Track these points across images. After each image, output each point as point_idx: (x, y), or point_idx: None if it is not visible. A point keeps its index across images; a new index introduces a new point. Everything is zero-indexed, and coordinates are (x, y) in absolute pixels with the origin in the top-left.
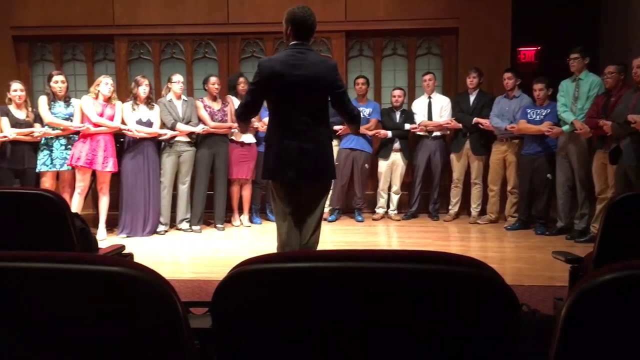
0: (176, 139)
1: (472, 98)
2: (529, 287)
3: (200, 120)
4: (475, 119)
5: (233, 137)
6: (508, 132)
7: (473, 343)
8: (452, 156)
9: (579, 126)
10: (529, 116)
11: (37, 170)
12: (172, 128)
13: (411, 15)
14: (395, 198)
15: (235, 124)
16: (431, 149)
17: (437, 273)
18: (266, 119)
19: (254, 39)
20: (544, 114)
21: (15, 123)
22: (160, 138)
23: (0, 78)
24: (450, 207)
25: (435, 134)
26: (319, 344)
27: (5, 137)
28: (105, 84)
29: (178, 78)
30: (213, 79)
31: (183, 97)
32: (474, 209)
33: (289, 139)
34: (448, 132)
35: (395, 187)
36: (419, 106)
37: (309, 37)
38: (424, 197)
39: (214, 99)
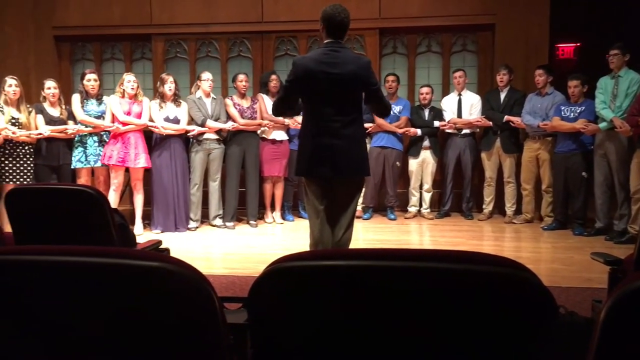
0: (205, 136)
1: (502, 95)
2: (566, 288)
3: (230, 118)
4: (506, 117)
5: (264, 135)
6: (541, 130)
7: (508, 345)
8: (483, 155)
9: (619, 124)
10: (562, 113)
11: (72, 167)
12: (202, 125)
13: (446, 12)
14: (427, 196)
15: (265, 122)
16: (460, 146)
17: (471, 273)
18: (298, 117)
19: (287, 37)
20: (578, 111)
21: (50, 120)
22: (188, 134)
23: (43, 77)
24: (484, 206)
25: (464, 131)
26: (353, 342)
27: (40, 134)
28: (128, 81)
29: (207, 76)
30: (241, 77)
31: (212, 95)
32: (509, 208)
33: (323, 136)
34: (477, 129)
35: (427, 185)
36: (448, 103)
37: (342, 35)
38: (456, 195)
39: (243, 96)
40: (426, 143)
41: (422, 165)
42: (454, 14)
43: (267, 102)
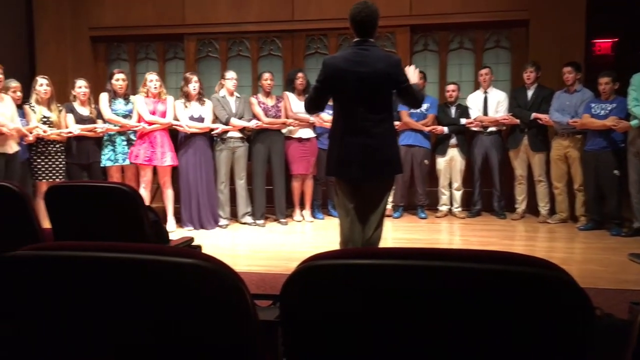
0: (229, 134)
1: (529, 93)
2: (602, 290)
3: (255, 117)
4: (533, 114)
5: (290, 135)
6: (570, 127)
7: (543, 347)
8: (510, 153)
9: None
10: (592, 111)
11: (102, 165)
12: (226, 123)
13: (479, 8)
14: (457, 195)
15: (290, 120)
16: (487, 144)
17: (503, 274)
18: (323, 115)
19: (318, 35)
20: (609, 108)
21: (80, 119)
22: (212, 133)
23: (80, 77)
24: (516, 205)
25: (490, 129)
26: (383, 340)
27: (70, 132)
28: (150, 81)
29: (232, 75)
30: (266, 75)
31: (236, 93)
32: (542, 207)
33: (353, 136)
34: (504, 127)
35: (456, 183)
36: (474, 101)
37: (369, 33)
38: (486, 194)
39: (268, 95)
40: (453, 141)
41: (450, 163)
42: (487, 10)
43: (292, 100)
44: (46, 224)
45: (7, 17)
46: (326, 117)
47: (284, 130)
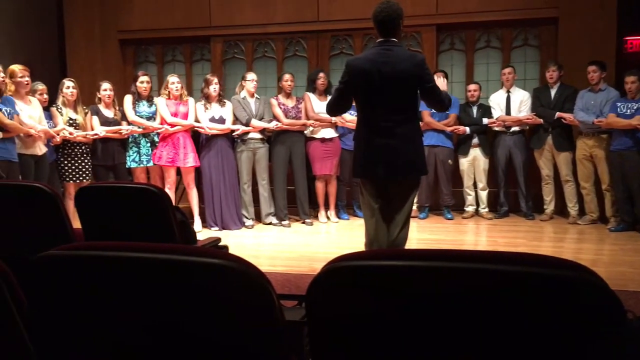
0: (249, 135)
1: (553, 92)
2: (634, 292)
3: (275, 118)
4: (557, 114)
5: (312, 135)
6: (595, 127)
7: (572, 352)
8: (535, 153)
9: None
10: (618, 110)
11: (127, 167)
12: (247, 124)
13: (506, 6)
14: (483, 195)
15: (310, 121)
16: (509, 144)
17: (531, 276)
18: (345, 115)
19: (343, 35)
20: (635, 107)
21: (105, 121)
22: (233, 134)
23: (109, 79)
24: (545, 206)
25: (513, 129)
26: (409, 342)
27: (96, 134)
28: (172, 83)
29: (252, 77)
30: (287, 76)
31: (256, 95)
32: (571, 208)
33: (377, 137)
34: (527, 127)
35: (481, 183)
36: (496, 100)
37: (392, 32)
38: (512, 194)
39: (288, 96)
40: (475, 141)
41: (473, 163)
42: (514, 8)
43: (313, 101)
44: (75, 223)
45: (39, 23)
46: (348, 116)
47: (306, 131)
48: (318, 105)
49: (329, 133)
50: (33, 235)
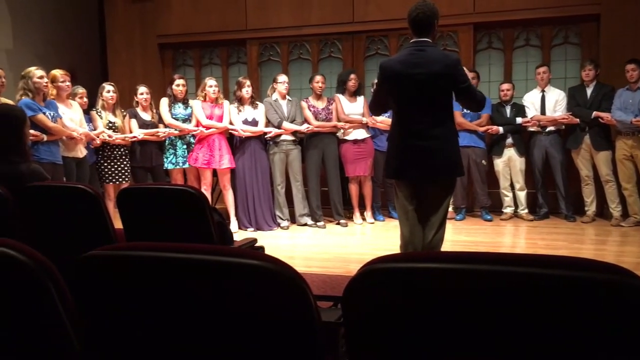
0: (282, 137)
1: (589, 91)
2: None
3: (305, 120)
4: (595, 113)
5: (345, 137)
6: (634, 126)
7: (616, 357)
8: (572, 153)
9: None
10: None
11: (164, 168)
12: (279, 126)
13: (545, 4)
14: (522, 196)
15: (340, 123)
16: (546, 145)
17: (572, 280)
18: (376, 115)
19: (378, 36)
20: None
21: (142, 124)
22: (265, 136)
23: (148, 83)
24: (586, 208)
25: (549, 129)
26: (445, 345)
27: (134, 137)
28: (209, 86)
29: (283, 79)
30: (317, 78)
31: (288, 97)
32: (614, 209)
33: (410, 138)
34: (563, 126)
35: (518, 184)
36: (531, 100)
37: (427, 32)
38: (551, 196)
39: (319, 97)
40: (509, 141)
41: (509, 164)
42: (554, 5)
43: (343, 103)
44: (115, 224)
45: (82, 30)
46: (379, 117)
47: (338, 134)
48: (348, 106)
49: (361, 134)
50: (77, 235)
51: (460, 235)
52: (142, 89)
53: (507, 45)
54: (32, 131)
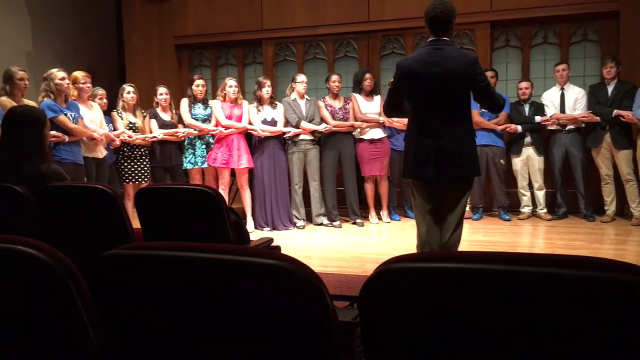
0: (300, 137)
1: (610, 89)
2: None
3: (323, 120)
4: (615, 111)
5: (361, 136)
6: None
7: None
8: (592, 152)
9: None
10: None
11: (183, 168)
12: (297, 126)
13: (563, 1)
14: (540, 195)
15: (357, 123)
16: (565, 143)
17: (591, 280)
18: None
19: (394, 35)
20: None
21: (162, 124)
22: (284, 136)
23: (166, 83)
24: (605, 207)
25: (569, 127)
26: (463, 345)
27: (154, 137)
28: (229, 86)
29: (302, 78)
30: (334, 77)
31: (306, 96)
32: (634, 208)
33: (427, 137)
34: (583, 125)
35: (537, 183)
36: (550, 98)
37: (443, 31)
38: (571, 195)
39: (335, 97)
40: (528, 140)
41: (527, 163)
42: (573, 2)
43: (360, 102)
44: (134, 223)
45: (100, 31)
46: (395, 117)
47: (354, 133)
48: (365, 105)
49: (377, 134)
50: (95, 234)
51: (478, 235)
52: (161, 90)
53: (524, 43)
54: (54, 132)
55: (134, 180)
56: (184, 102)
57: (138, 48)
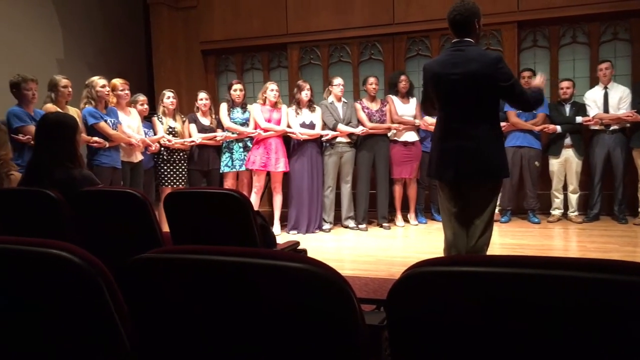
0: (337, 139)
1: None
2: None
3: (360, 122)
4: None
5: (395, 138)
6: None
7: None
8: (634, 152)
9: None
10: None
11: (220, 171)
12: (334, 129)
13: None
14: (573, 198)
15: (394, 125)
16: (609, 144)
17: (626, 284)
18: (427, 117)
19: (419, 37)
20: None
21: (202, 129)
22: (322, 139)
23: (193, 88)
24: None
25: (613, 127)
26: (490, 349)
27: (193, 141)
28: (271, 90)
29: (339, 81)
30: (371, 80)
31: (343, 99)
32: None
33: (450, 139)
34: (628, 124)
35: (572, 186)
36: (592, 97)
37: (466, 32)
38: (606, 197)
39: (372, 99)
40: (567, 141)
41: (565, 164)
42: (602, 1)
43: (396, 104)
44: (165, 227)
45: (129, 39)
46: (429, 119)
47: (389, 134)
48: (401, 107)
49: (411, 137)
50: (125, 238)
51: (506, 238)
52: (201, 95)
53: (552, 43)
54: (95, 138)
55: (171, 183)
56: (223, 107)
57: (166, 54)
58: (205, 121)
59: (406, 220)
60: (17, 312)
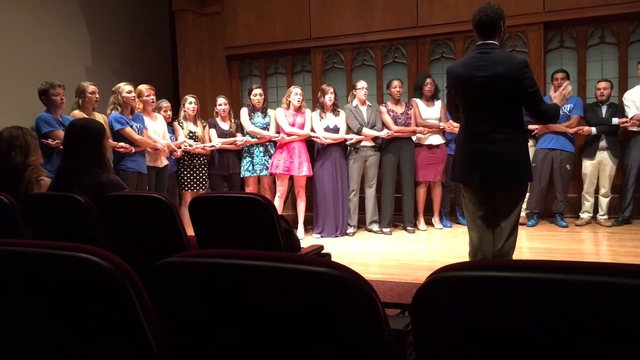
0: (362, 143)
1: None
2: None
3: (385, 125)
4: None
5: (420, 142)
6: None
7: None
8: None
9: None
10: None
11: (241, 176)
12: (358, 132)
13: None
14: (604, 202)
15: (420, 128)
16: None
17: None
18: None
19: (443, 39)
20: None
21: (221, 133)
22: (346, 143)
23: (217, 93)
24: None
25: None
26: (516, 354)
27: (213, 146)
28: (295, 94)
29: (362, 85)
30: (395, 83)
31: (367, 102)
32: None
33: (473, 142)
34: None
35: (604, 189)
36: (632, 98)
37: (491, 34)
38: (638, 200)
39: (397, 102)
40: (603, 143)
41: (599, 167)
42: (630, 0)
43: (421, 107)
44: (190, 231)
45: (155, 45)
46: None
47: (414, 137)
48: (425, 111)
49: (436, 140)
50: (152, 242)
51: (534, 242)
52: (220, 100)
53: (580, 44)
54: (121, 143)
55: (192, 188)
56: (244, 112)
57: (191, 60)
58: (225, 126)
59: (429, 224)
60: (46, 315)
